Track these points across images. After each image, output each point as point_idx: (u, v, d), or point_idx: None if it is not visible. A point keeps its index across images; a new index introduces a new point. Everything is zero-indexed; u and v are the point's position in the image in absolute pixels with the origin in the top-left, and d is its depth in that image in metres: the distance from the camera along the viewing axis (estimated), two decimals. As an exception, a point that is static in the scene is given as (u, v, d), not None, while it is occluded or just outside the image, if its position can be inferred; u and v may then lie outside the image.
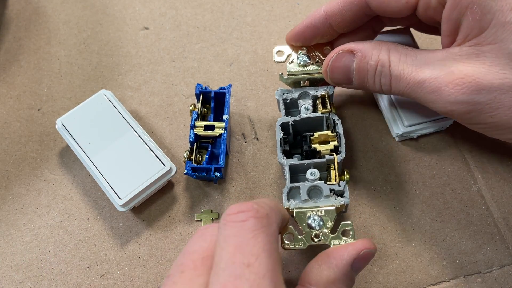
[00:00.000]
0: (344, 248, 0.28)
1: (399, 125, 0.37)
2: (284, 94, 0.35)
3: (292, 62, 0.36)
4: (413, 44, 0.39)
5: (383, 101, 0.38)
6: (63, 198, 0.37)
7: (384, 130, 0.39)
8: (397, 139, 0.39)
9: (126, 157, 0.36)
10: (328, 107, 0.35)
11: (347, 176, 0.33)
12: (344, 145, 0.33)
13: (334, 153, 0.33)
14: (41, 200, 0.37)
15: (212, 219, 0.36)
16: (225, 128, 0.35)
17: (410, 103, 0.37)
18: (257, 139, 0.39)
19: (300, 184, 0.32)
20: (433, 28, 0.36)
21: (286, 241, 0.30)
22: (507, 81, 0.28)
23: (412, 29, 0.40)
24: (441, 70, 0.30)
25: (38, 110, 0.41)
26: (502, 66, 0.29)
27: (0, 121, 0.40)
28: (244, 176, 0.38)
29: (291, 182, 0.32)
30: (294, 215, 0.31)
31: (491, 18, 0.29)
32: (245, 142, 0.39)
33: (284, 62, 0.36)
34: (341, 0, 0.33)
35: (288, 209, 0.31)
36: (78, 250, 0.36)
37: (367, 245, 0.28)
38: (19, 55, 0.43)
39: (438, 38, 0.35)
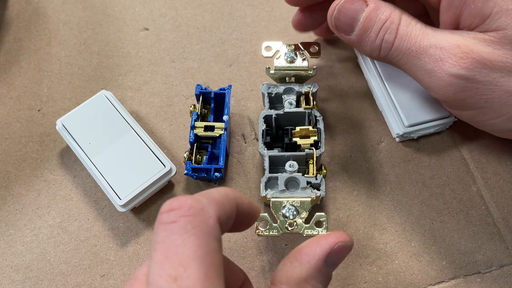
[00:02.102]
0: (316, 243, 0.26)
1: (400, 126, 0.37)
2: (269, 88, 0.36)
3: (279, 57, 0.36)
4: None
5: (383, 101, 0.39)
6: (63, 199, 0.37)
7: (384, 130, 0.39)
8: (397, 139, 0.39)
9: (126, 158, 0.36)
10: (311, 103, 0.35)
11: (325, 171, 0.34)
12: (323, 141, 0.34)
13: (313, 148, 0.34)
14: (41, 200, 0.37)
15: (212, 219, 0.37)
16: (225, 129, 0.35)
17: (411, 103, 0.37)
18: (257, 139, 0.39)
19: (278, 174, 0.33)
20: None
21: (260, 228, 0.31)
22: (508, 65, 0.29)
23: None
24: (447, 42, 0.30)
25: (39, 110, 0.41)
26: (505, 51, 0.29)
27: (1, 122, 0.40)
28: (244, 176, 0.38)
29: (271, 173, 0.34)
30: (271, 204, 0.32)
31: (492, 5, 0.29)
32: (245, 143, 0.39)
33: (271, 57, 0.37)
34: None
35: (265, 198, 0.32)
36: (78, 250, 0.36)
37: (342, 238, 0.26)
38: (19, 55, 0.43)
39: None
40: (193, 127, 0.35)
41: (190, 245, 0.21)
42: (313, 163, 0.34)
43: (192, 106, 0.37)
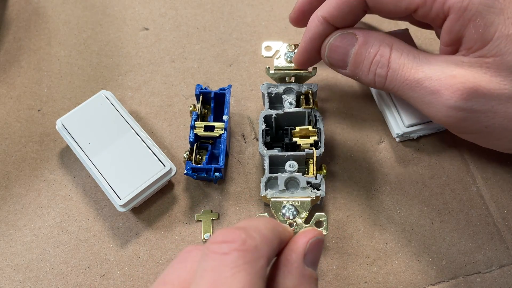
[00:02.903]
0: (289, 251, 0.25)
1: (400, 126, 0.37)
2: (269, 88, 0.36)
3: (279, 57, 0.36)
4: (413, 45, 0.39)
5: (383, 101, 0.39)
6: (63, 199, 0.37)
7: (384, 130, 0.39)
8: (397, 139, 0.39)
9: (126, 158, 0.36)
10: (311, 103, 0.35)
11: (325, 171, 0.34)
12: (323, 141, 0.34)
13: (313, 148, 0.34)
14: (41, 200, 0.37)
15: (212, 219, 0.37)
16: (225, 129, 0.35)
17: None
18: (257, 139, 0.39)
19: (278, 174, 0.33)
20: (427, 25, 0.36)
21: None
22: (506, 92, 0.29)
23: (411, 30, 0.40)
24: (442, 72, 0.30)
25: (38, 110, 0.41)
26: (503, 77, 0.29)
27: (0, 122, 0.40)
28: (244, 176, 0.38)
29: (271, 173, 0.34)
30: (271, 204, 0.32)
31: (494, 31, 0.29)
32: (245, 143, 0.39)
33: (271, 57, 0.37)
34: (336, 2, 0.32)
35: (265, 198, 0.32)
36: (78, 250, 0.36)
37: (310, 235, 0.26)
38: (19, 55, 0.43)
39: (437, 40, 0.35)
40: (193, 127, 0.35)
41: (239, 280, 0.21)
42: (313, 163, 0.34)
43: (192, 106, 0.37)
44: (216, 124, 0.36)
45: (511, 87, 0.29)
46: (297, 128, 0.34)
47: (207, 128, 0.36)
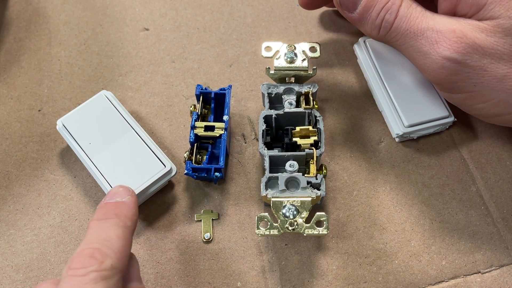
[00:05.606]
0: None
1: (399, 126, 0.37)
2: (269, 88, 0.36)
3: (279, 58, 0.36)
4: None
5: (383, 101, 0.39)
6: (64, 199, 0.38)
7: (384, 130, 0.39)
8: (397, 139, 0.39)
9: (127, 158, 0.36)
10: (311, 103, 0.36)
11: (325, 171, 0.34)
12: (323, 141, 0.34)
13: (313, 148, 0.34)
14: (42, 200, 0.37)
15: (212, 219, 0.37)
16: (225, 129, 0.35)
17: (410, 103, 0.37)
18: (257, 139, 0.40)
19: (278, 174, 0.33)
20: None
21: (261, 228, 0.31)
22: (498, 52, 0.31)
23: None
24: (444, 26, 0.31)
25: (39, 110, 0.41)
26: (498, 38, 0.31)
27: (1, 122, 0.40)
28: (244, 176, 0.38)
29: (271, 173, 0.34)
30: (271, 204, 0.32)
31: None
32: (245, 143, 0.40)
33: (271, 57, 0.37)
34: None
35: (265, 197, 0.33)
36: (78, 250, 0.36)
37: None
38: (19, 55, 0.43)
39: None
40: (193, 127, 0.35)
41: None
42: (313, 163, 0.34)
43: (192, 106, 0.37)
44: (216, 124, 0.36)
45: (503, 48, 0.30)
46: (297, 128, 0.34)
47: (207, 128, 0.36)
